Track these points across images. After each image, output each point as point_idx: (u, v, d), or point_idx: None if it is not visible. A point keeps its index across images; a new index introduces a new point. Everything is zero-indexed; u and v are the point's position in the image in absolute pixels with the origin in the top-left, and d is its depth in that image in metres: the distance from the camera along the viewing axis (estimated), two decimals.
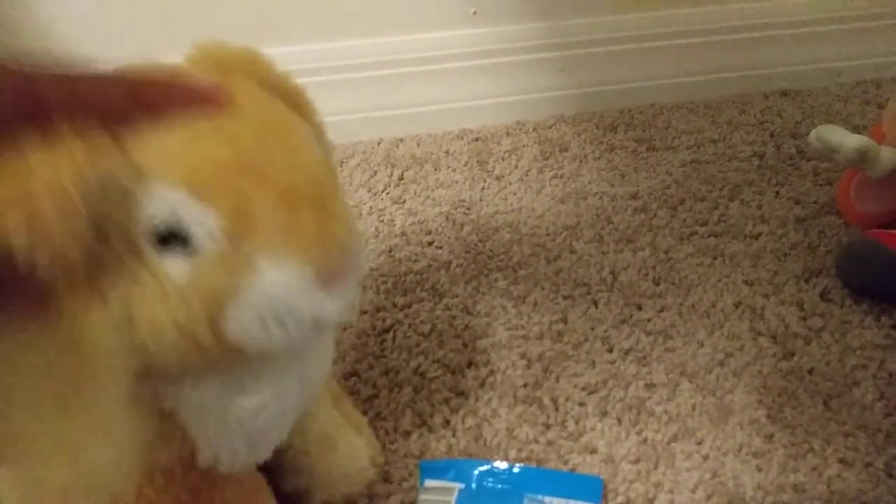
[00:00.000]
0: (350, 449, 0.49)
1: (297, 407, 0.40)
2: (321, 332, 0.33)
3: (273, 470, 0.46)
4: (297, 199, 0.32)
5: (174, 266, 0.30)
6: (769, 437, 0.54)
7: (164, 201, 0.30)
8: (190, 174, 0.30)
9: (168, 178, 0.30)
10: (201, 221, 0.30)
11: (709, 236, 0.73)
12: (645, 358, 0.60)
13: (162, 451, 0.36)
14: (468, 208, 0.78)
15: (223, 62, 0.36)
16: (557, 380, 0.59)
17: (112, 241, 0.29)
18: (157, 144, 0.29)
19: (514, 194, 0.80)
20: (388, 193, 0.81)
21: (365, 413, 0.55)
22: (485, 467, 0.51)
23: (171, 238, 0.30)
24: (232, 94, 0.29)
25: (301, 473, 0.47)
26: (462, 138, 0.91)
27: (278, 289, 0.31)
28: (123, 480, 0.35)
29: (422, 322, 0.64)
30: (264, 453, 0.40)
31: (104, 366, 0.28)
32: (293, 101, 0.39)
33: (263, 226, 0.31)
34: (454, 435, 0.55)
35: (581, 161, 0.86)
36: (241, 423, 0.36)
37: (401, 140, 0.91)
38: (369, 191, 0.82)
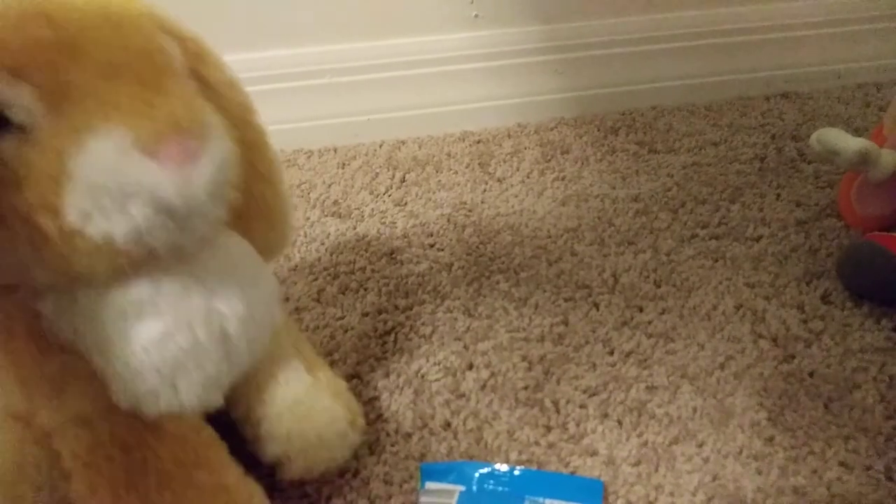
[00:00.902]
0: (325, 413, 0.48)
1: (219, 344, 0.38)
2: (176, 218, 0.32)
3: (252, 442, 0.46)
4: (118, 72, 0.32)
5: (6, 151, 0.30)
6: (770, 440, 0.54)
7: None
8: (5, 54, 0.30)
9: None
10: (17, 99, 0.30)
11: (710, 239, 0.73)
12: (646, 360, 0.60)
13: (73, 391, 0.36)
14: (469, 210, 0.78)
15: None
16: (558, 382, 0.59)
17: None
18: None
19: (516, 196, 0.80)
20: (389, 195, 0.81)
21: (366, 415, 0.55)
22: (486, 470, 0.51)
23: None
24: None
25: (278, 442, 0.46)
26: (463, 140, 0.91)
27: (104, 161, 0.30)
28: None
29: (423, 324, 0.64)
30: (190, 394, 0.38)
31: None
32: (184, 41, 0.39)
33: (84, 100, 0.31)
34: (455, 437, 0.55)
35: (582, 163, 0.86)
36: (147, 353, 0.35)
37: (402, 142, 0.91)
38: (371, 193, 0.82)
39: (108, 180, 0.30)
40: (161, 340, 0.35)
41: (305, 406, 0.47)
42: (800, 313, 0.64)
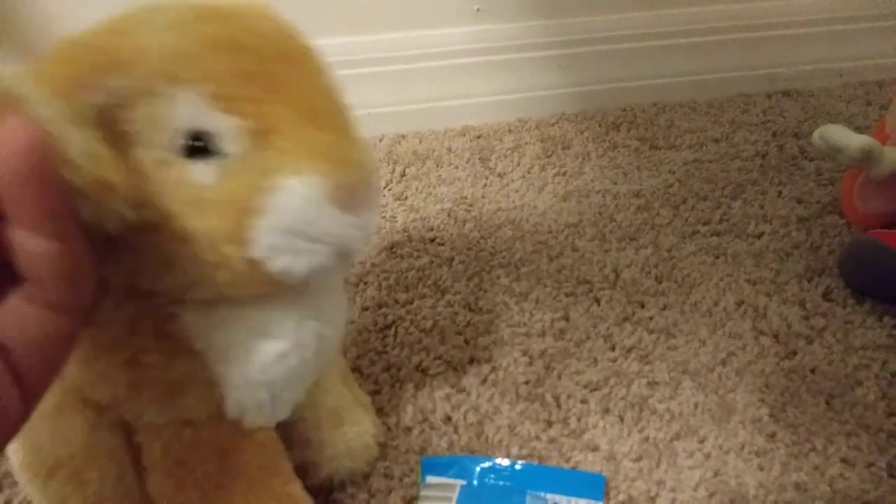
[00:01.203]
0: (357, 426, 0.49)
1: (315, 363, 0.40)
2: (344, 259, 0.33)
3: (282, 441, 0.46)
4: (317, 115, 0.32)
5: (201, 174, 0.31)
6: (771, 436, 0.54)
7: (189, 107, 0.30)
8: (215, 81, 0.30)
9: (193, 84, 0.30)
10: (225, 128, 0.30)
11: (711, 235, 0.73)
12: (647, 356, 0.60)
13: (190, 397, 0.37)
14: (470, 205, 0.78)
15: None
16: (559, 377, 0.58)
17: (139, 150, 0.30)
18: (181, 51, 0.30)
19: (517, 191, 0.80)
20: (390, 190, 0.81)
21: None
22: (487, 464, 0.50)
23: (196, 148, 0.31)
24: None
25: (310, 447, 0.47)
26: (464, 135, 0.90)
27: (302, 201, 0.31)
28: None
29: (424, 318, 0.64)
30: (285, 409, 0.40)
31: None
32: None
33: (285, 137, 0.31)
34: (456, 431, 0.55)
35: (583, 159, 0.86)
36: (263, 369, 0.37)
37: (403, 136, 0.90)
38: None
39: (304, 224, 0.31)
40: (279, 359, 0.37)
41: (340, 416, 0.48)
42: (801, 310, 0.64)
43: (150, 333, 0.35)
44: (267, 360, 0.37)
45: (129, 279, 0.34)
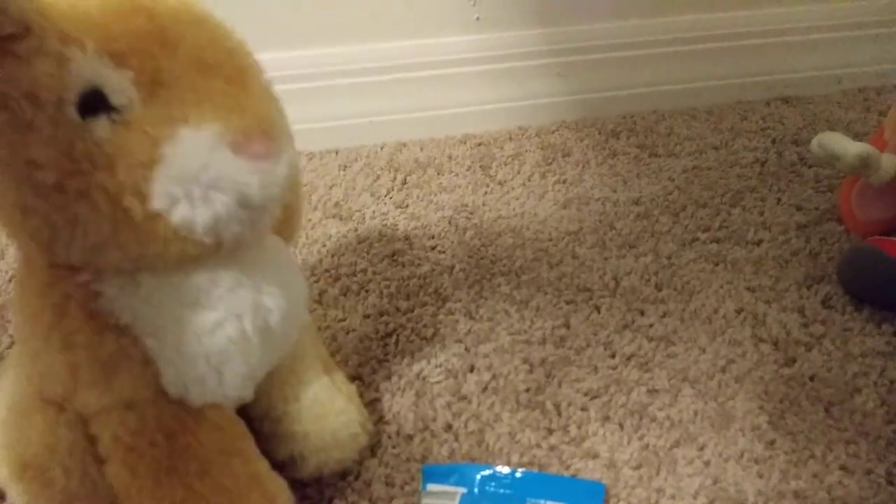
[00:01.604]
0: (342, 415, 0.49)
1: (261, 336, 0.40)
2: (248, 210, 0.34)
3: (267, 439, 0.46)
4: (208, 66, 0.33)
5: (97, 130, 0.31)
6: (771, 444, 0.54)
7: (81, 64, 0.31)
8: (109, 40, 0.31)
9: (84, 42, 0.31)
10: (117, 83, 0.31)
11: (711, 242, 0.73)
12: (647, 363, 0.60)
13: (125, 375, 0.37)
14: (471, 213, 0.79)
15: None
16: (560, 385, 0.59)
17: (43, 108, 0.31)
18: (77, 11, 0.31)
19: (517, 199, 0.81)
20: (391, 197, 0.81)
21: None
22: (487, 472, 0.51)
23: (90, 105, 0.31)
24: None
25: (295, 440, 0.47)
26: (465, 143, 0.91)
27: (197, 151, 0.32)
28: None
29: (424, 326, 0.64)
30: (238, 385, 0.40)
31: None
32: None
33: (177, 88, 0.32)
34: (456, 439, 0.55)
35: (583, 166, 0.86)
36: (199, 340, 0.37)
37: (404, 144, 0.91)
38: (372, 195, 0.82)
39: (199, 170, 0.32)
40: (213, 329, 0.37)
41: (324, 407, 0.48)
42: (801, 317, 0.64)
43: (78, 314, 0.36)
44: (200, 331, 0.37)
45: (45, 253, 0.35)
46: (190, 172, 0.32)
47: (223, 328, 0.37)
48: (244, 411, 0.46)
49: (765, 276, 0.69)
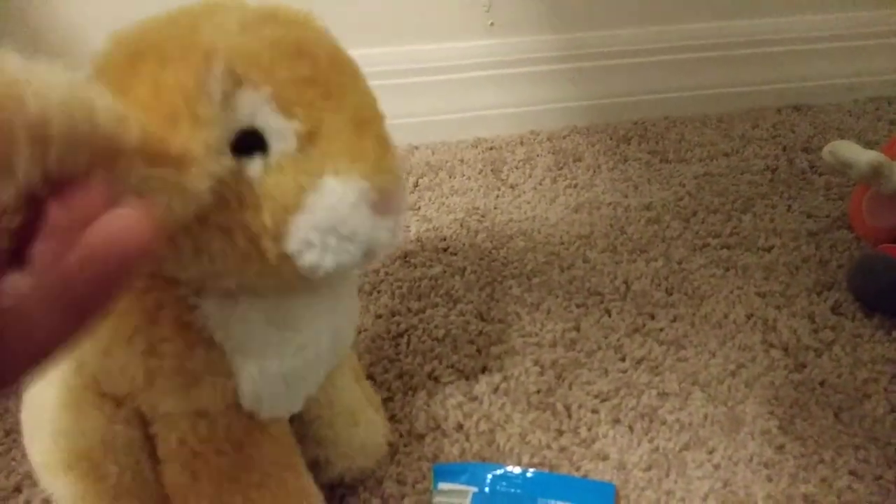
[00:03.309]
0: (370, 425, 0.51)
1: (328, 356, 0.41)
2: (370, 258, 0.35)
3: (296, 437, 0.47)
4: (362, 122, 0.34)
5: (250, 169, 0.32)
6: (780, 448, 0.54)
7: (250, 106, 0.32)
8: (276, 84, 0.32)
9: (256, 85, 0.32)
10: (280, 129, 0.32)
11: (721, 248, 0.73)
12: (657, 367, 0.61)
13: (206, 388, 0.37)
14: (482, 216, 0.79)
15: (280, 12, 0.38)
16: (570, 387, 0.59)
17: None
18: (248, 50, 0.32)
19: (528, 203, 0.81)
20: None
21: None
22: (498, 471, 0.51)
23: (248, 144, 0.32)
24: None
25: (324, 445, 0.48)
26: (476, 147, 0.92)
27: (339, 201, 0.32)
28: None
29: (436, 327, 0.65)
30: (298, 401, 0.41)
31: None
32: None
33: (333, 142, 0.33)
34: (468, 439, 0.55)
35: (594, 171, 0.86)
36: (282, 361, 0.38)
37: (416, 148, 0.92)
38: None
39: (339, 223, 0.33)
40: (296, 352, 0.38)
41: (355, 416, 0.50)
42: (810, 323, 0.64)
43: (169, 323, 0.36)
44: (285, 352, 0.38)
45: (154, 266, 0.35)
46: (330, 224, 0.32)
47: (306, 350, 0.39)
48: None
49: (775, 282, 0.69)
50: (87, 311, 0.21)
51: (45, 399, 0.41)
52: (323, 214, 0.32)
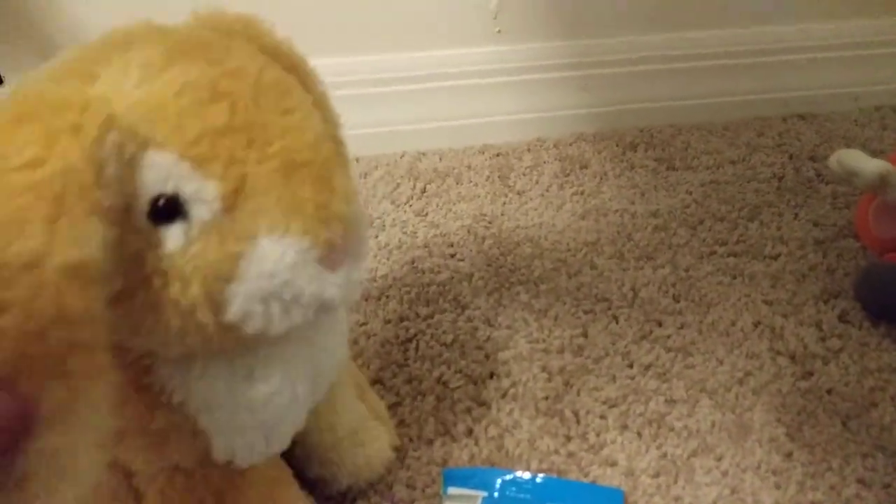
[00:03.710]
0: (376, 441, 0.50)
1: (309, 394, 0.39)
2: (325, 313, 0.32)
3: (299, 459, 0.47)
4: (295, 168, 0.30)
5: (169, 239, 0.28)
6: (788, 456, 0.54)
7: (158, 171, 0.28)
8: (185, 141, 0.28)
9: (167, 146, 0.28)
10: (197, 192, 0.28)
11: (728, 256, 0.74)
12: (665, 374, 0.61)
13: (174, 445, 0.35)
14: (490, 222, 0.79)
15: (221, 27, 0.35)
16: (578, 393, 0.59)
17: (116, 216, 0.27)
18: (151, 105, 0.28)
19: (535, 209, 0.81)
20: (410, 206, 0.82)
21: None
22: (508, 476, 0.51)
23: (163, 212, 0.28)
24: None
25: (329, 465, 0.48)
26: (484, 153, 0.92)
27: (277, 265, 0.29)
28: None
29: (444, 332, 0.65)
30: (281, 443, 0.39)
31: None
32: (294, 68, 0.37)
33: (263, 197, 0.29)
34: (476, 444, 0.56)
35: (601, 178, 0.87)
36: (252, 412, 0.35)
37: (423, 154, 0.92)
38: (392, 203, 0.83)
39: (280, 289, 0.29)
40: (266, 401, 0.35)
41: (359, 436, 0.49)
42: (818, 331, 0.65)
43: (129, 385, 0.34)
44: (253, 404, 0.35)
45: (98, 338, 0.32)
46: (270, 291, 0.29)
47: (278, 397, 0.36)
48: None
49: (782, 290, 0.69)
50: None
51: None
52: (260, 283, 0.29)
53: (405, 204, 0.83)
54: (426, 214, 0.81)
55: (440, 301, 0.69)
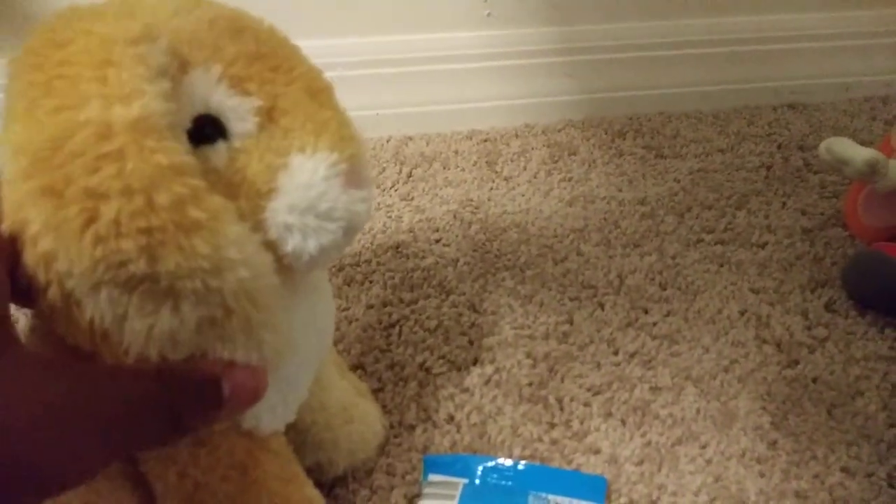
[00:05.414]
0: (366, 416, 0.50)
1: (315, 358, 0.40)
2: (350, 237, 0.33)
3: (293, 448, 0.46)
4: (319, 93, 0.32)
5: (215, 158, 0.30)
6: (773, 444, 0.54)
7: (202, 89, 0.30)
8: (224, 61, 0.30)
9: (203, 65, 0.30)
10: (239, 109, 0.30)
11: (715, 244, 0.73)
12: (650, 361, 0.60)
13: None
14: (476, 207, 0.78)
15: None
16: (562, 380, 0.59)
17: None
18: (187, 33, 0.30)
19: (522, 195, 0.81)
20: (396, 190, 0.81)
21: None
22: (490, 463, 0.50)
23: (205, 133, 0.30)
24: None
25: (325, 447, 0.47)
26: (471, 139, 0.91)
27: (314, 180, 0.31)
28: None
29: (428, 318, 0.64)
30: (293, 410, 0.40)
31: None
32: None
33: (294, 116, 0.31)
34: (458, 431, 0.55)
35: (589, 165, 0.86)
36: (275, 370, 0.36)
37: (410, 138, 0.91)
38: (378, 187, 0.82)
39: (316, 201, 0.31)
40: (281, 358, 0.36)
41: (349, 412, 0.48)
42: (804, 320, 0.64)
43: None
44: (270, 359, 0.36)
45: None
46: (307, 203, 0.31)
47: (295, 354, 0.36)
48: None
49: (769, 278, 0.69)
50: None
51: None
52: (298, 194, 0.31)
53: (391, 188, 0.82)
54: (412, 199, 0.80)
55: (424, 286, 0.68)
